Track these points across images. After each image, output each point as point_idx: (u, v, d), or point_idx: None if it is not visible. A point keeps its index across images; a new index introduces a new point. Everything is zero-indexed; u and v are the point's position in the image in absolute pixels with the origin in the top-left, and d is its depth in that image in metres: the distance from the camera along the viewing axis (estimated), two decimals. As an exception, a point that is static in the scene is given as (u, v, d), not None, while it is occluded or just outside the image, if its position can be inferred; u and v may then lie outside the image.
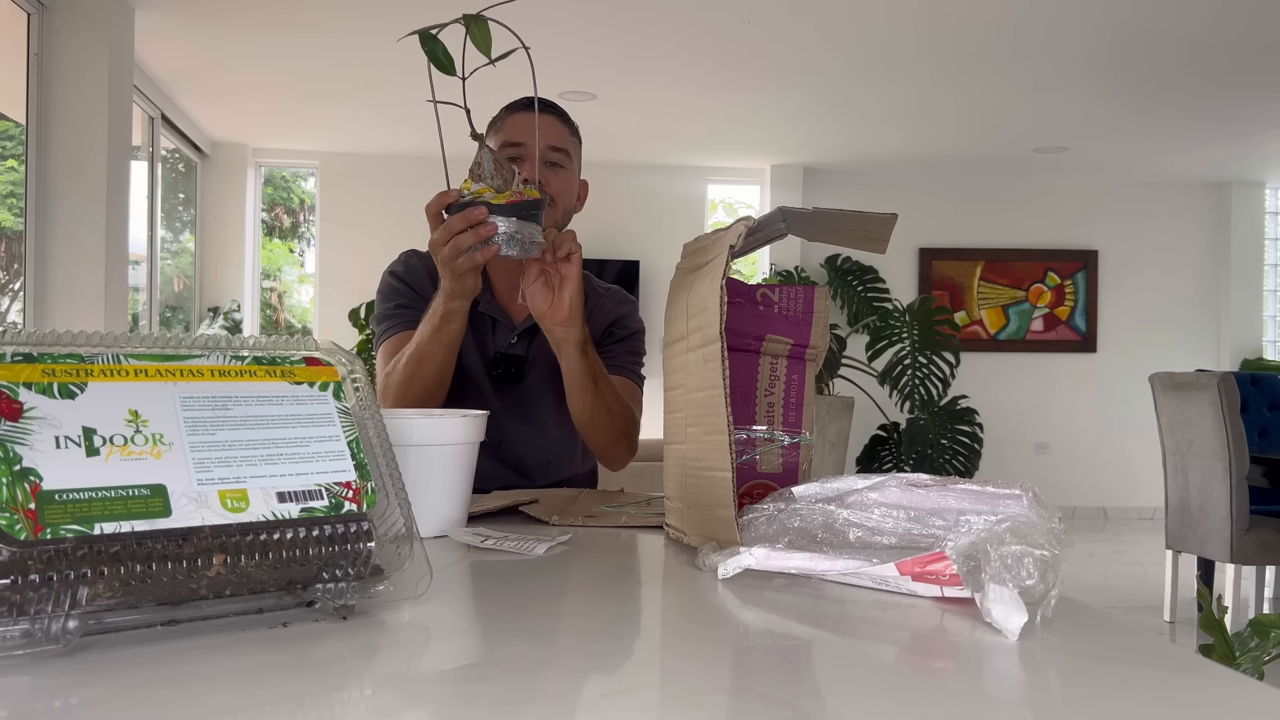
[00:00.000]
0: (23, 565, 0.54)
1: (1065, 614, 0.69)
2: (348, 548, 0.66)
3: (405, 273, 1.64)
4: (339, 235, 6.42)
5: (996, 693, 0.57)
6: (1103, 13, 3.87)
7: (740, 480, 0.97)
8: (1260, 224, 7.04)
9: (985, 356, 6.91)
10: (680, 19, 3.98)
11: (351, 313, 5.77)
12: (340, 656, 0.59)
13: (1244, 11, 3.83)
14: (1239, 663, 1.35)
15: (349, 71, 4.73)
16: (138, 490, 0.60)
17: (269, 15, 4.00)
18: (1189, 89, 4.84)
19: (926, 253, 6.92)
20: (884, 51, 4.37)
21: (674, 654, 0.64)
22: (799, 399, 1.08)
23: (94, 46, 3.66)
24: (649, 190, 6.65)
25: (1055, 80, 4.72)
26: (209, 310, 6.18)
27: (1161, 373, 4.07)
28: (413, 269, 1.65)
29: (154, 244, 5.24)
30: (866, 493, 0.83)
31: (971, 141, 5.97)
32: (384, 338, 1.60)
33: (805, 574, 0.78)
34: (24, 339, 0.62)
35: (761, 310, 1.07)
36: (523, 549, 0.92)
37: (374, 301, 1.69)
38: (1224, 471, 3.63)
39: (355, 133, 5.95)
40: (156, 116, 5.17)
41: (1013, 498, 0.76)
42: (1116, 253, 7.03)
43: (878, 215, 0.93)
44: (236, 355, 0.71)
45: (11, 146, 3.90)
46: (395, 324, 1.59)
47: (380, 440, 0.73)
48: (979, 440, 5.47)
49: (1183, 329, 7.05)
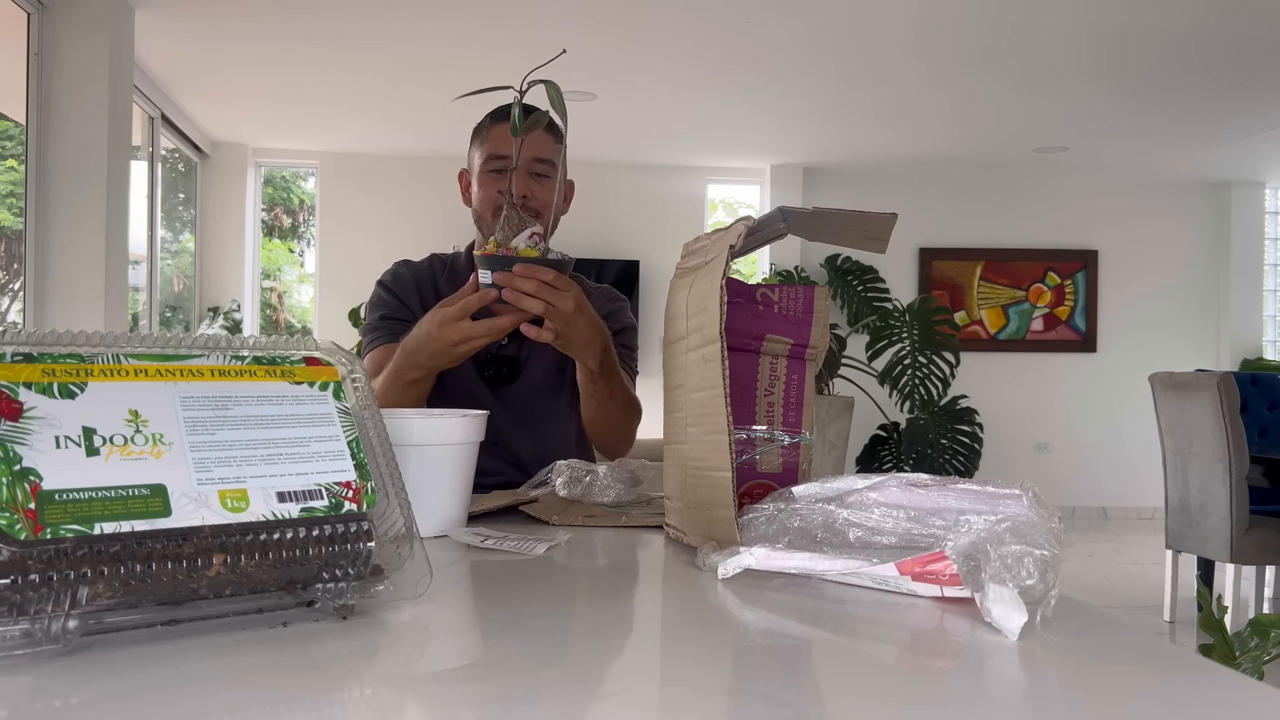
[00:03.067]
0: (23, 565, 0.54)
1: (1065, 614, 0.69)
2: (348, 548, 0.66)
3: (393, 283, 1.67)
4: (339, 235, 6.42)
5: (996, 693, 0.57)
6: (1103, 13, 3.87)
7: (740, 480, 0.97)
8: (1260, 224, 7.04)
9: (985, 356, 6.91)
10: (680, 19, 3.98)
11: (351, 313, 5.77)
12: (340, 656, 0.59)
13: (1244, 11, 3.83)
14: (1239, 663, 1.35)
15: (349, 72, 4.73)
16: (138, 490, 0.60)
17: (269, 15, 4.00)
18: (1189, 89, 4.84)
19: (926, 253, 6.92)
20: (884, 52, 4.37)
21: (674, 654, 0.64)
22: (799, 399, 1.08)
23: (94, 46, 3.66)
24: (649, 190, 6.65)
25: (1055, 80, 4.72)
26: (209, 310, 6.18)
27: (1161, 373, 4.07)
28: (401, 279, 1.67)
29: (154, 244, 5.24)
30: (866, 493, 0.83)
31: (971, 141, 5.97)
32: (367, 349, 1.64)
33: (805, 574, 0.78)
34: (24, 339, 0.62)
35: (761, 310, 1.07)
36: (523, 549, 0.92)
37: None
38: (1224, 471, 3.63)
39: (355, 133, 5.95)
40: (156, 116, 5.17)
41: (1013, 498, 0.76)
42: (1116, 253, 7.03)
43: (877, 215, 0.93)
44: (236, 355, 0.71)
45: (11, 146, 3.90)
46: (377, 337, 1.62)
47: (380, 440, 0.73)
48: (979, 440, 5.47)
49: (1183, 329, 7.05)
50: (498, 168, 1.56)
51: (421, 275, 1.68)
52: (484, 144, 1.58)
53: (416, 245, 7.40)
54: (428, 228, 6.31)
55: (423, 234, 6.32)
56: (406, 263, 1.71)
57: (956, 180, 6.87)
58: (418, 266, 1.70)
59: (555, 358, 1.61)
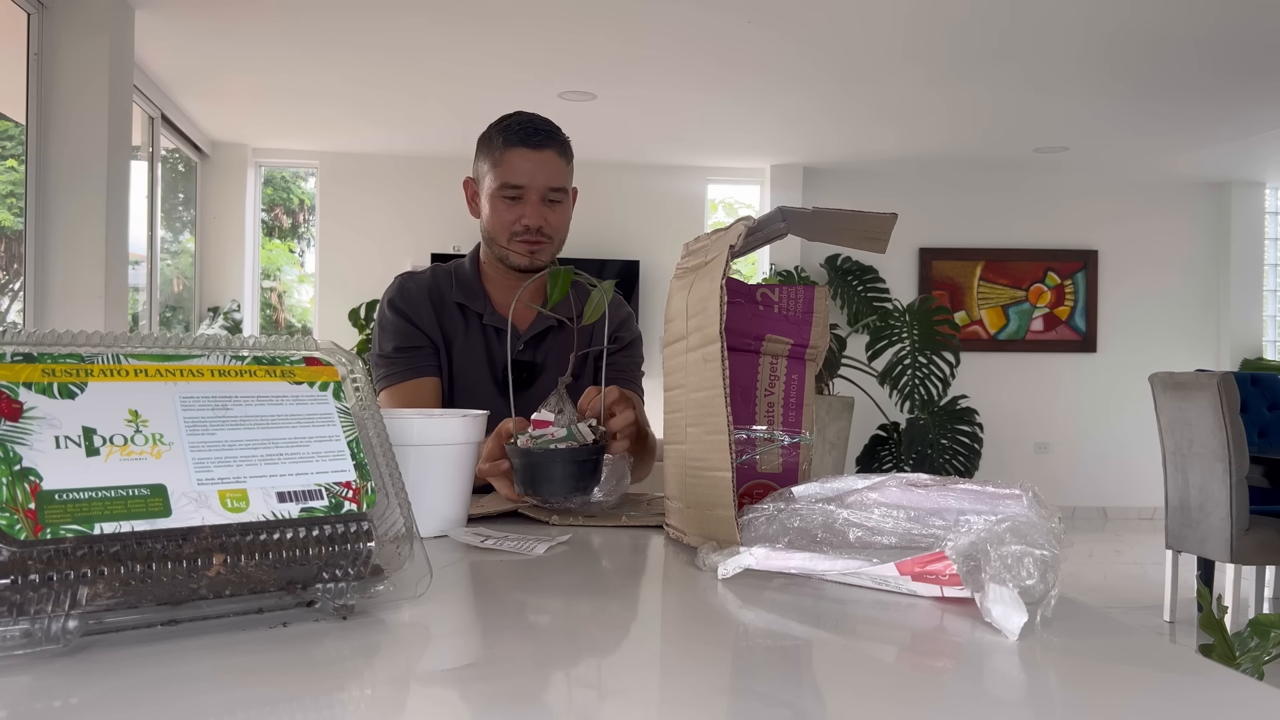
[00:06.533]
0: (23, 565, 0.54)
1: (1065, 614, 0.69)
2: (348, 548, 0.66)
3: (402, 301, 1.61)
4: (339, 235, 6.42)
5: (996, 693, 0.57)
6: (1103, 13, 3.87)
7: (740, 480, 0.97)
8: (1260, 224, 7.04)
9: (985, 356, 6.91)
10: (680, 19, 3.98)
11: (351, 313, 5.77)
12: (340, 656, 0.59)
13: (1244, 11, 3.83)
14: (1239, 663, 1.35)
15: (349, 72, 4.73)
16: (138, 490, 0.60)
17: (270, 16, 4.01)
18: (1189, 89, 4.84)
19: (926, 253, 6.92)
20: (884, 52, 4.37)
21: (674, 654, 0.64)
22: (799, 399, 1.08)
23: (94, 46, 3.66)
24: (649, 190, 6.65)
25: (1055, 80, 4.72)
26: (209, 310, 6.18)
27: (1161, 373, 4.07)
28: (408, 295, 1.62)
29: (154, 244, 5.24)
30: (866, 493, 0.83)
31: (971, 142, 5.97)
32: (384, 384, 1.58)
33: (805, 574, 0.78)
34: (24, 339, 0.62)
35: (761, 310, 1.07)
36: (523, 549, 0.92)
37: (374, 303, 1.69)
38: (1224, 471, 3.63)
39: (355, 133, 5.95)
40: (156, 116, 5.17)
41: (1013, 498, 0.76)
42: (1116, 253, 7.03)
43: (878, 215, 0.93)
44: (236, 355, 0.71)
45: (11, 146, 3.89)
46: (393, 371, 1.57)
47: (380, 440, 0.73)
48: (979, 440, 5.47)
49: (1183, 329, 7.05)
50: (512, 195, 1.53)
51: (427, 285, 1.63)
52: (496, 167, 1.54)
53: (416, 245, 7.36)
54: (427, 228, 6.32)
55: (422, 234, 6.33)
56: (409, 275, 1.66)
57: (957, 180, 6.88)
58: (420, 278, 1.65)
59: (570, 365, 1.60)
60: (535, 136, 1.53)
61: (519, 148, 1.52)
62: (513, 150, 1.53)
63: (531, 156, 1.52)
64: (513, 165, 1.53)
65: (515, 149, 1.53)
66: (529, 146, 1.52)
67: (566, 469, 1.11)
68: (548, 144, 1.54)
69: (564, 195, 1.57)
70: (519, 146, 1.52)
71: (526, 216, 1.53)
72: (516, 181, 1.52)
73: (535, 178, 1.52)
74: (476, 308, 1.61)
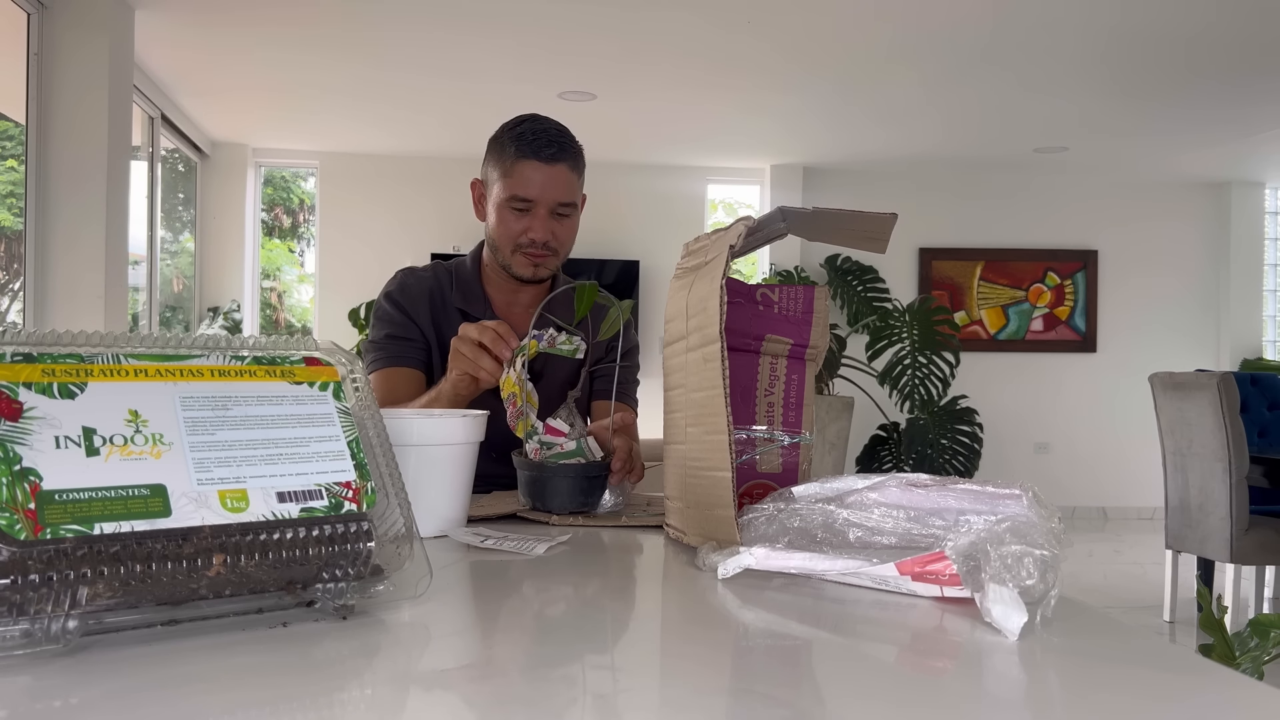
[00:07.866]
0: (23, 565, 0.54)
1: (1065, 614, 0.69)
2: (348, 548, 0.66)
3: (400, 295, 1.62)
4: (339, 235, 6.42)
5: (996, 693, 0.57)
6: (1102, 13, 3.87)
7: (740, 480, 0.97)
8: (1260, 224, 7.04)
9: (985, 356, 6.91)
10: (680, 19, 3.98)
11: (351, 313, 5.77)
12: (340, 656, 0.59)
13: (1243, 11, 3.83)
14: (1239, 663, 1.35)
15: (349, 72, 4.73)
16: (138, 490, 0.60)
17: (269, 15, 4.00)
18: (1189, 89, 4.84)
19: (926, 253, 6.92)
20: (884, 52, 4.37)
21: (674, 654, 0.64)
22: (799, 399, 1.08)
23: (94, 46, 3.66)
24: (649, 190, 6.65)
25: (1055, 81, 4.72)
26: (209, 310, 6.18)
27: (1161, 373, 4.07)
28: (407, 291, 1.62)
29: (154, 244, 5.23)
30: (866, 493, 0.83)
31: (971, 142, 5.97)
32: (372, 368, 1.60)
33: (805, 574, 0.78)
34: (24, 339, 0.62)
35: (761, 310, 1.07)
36: (523, 549, 0.92)
37: (374, 303, 1.69)
38: (1224, 471, 3.63)
39: (355, 133, 5.95)
40: (156, 116, 5.17)
41: (1013, 498, 0.76)
42: (1116, 253, 7.03)
43: (877, 215, 0.93)
44: (236, 355, 0.71)
45: (11, 146, 3.90)
46: (383, 356, 1.59)
47: (380, 440, 0.73)
48: (979, 440, 5.47)
49: (1183, 329, 7.05)
50: (521, 208, 1.51)
51: (428, 285, 1.63)
52: (506, 176, 1.51)
53: (416, 245, 7.35)
54: (427, 227, 6.32)
55: (422, 234, 6.32)
56: (411, 271, 1.65)
57: (956, 180, 6.88)
58: (422, 276, 1.65)
59: (571, 371, 1.60)
60: (548, 149, 1.49)
61: (531, 160, 1.49)
62: (524, 162, 1.49)
63: (543, 170, 1.49)
64: (523, 178, 1.50)
65: (527, 161, 1.49)
66: (541, 160, 1.49)
67: (575, 484, 1.14)
68: (560, 157, 1.50)
69: (573, 209, 1.55)
70: (531, 159, 1.49)
71: (534, 230, 1.51)
72: (526, 195, 1.50)
73: (546, 192, 1.50)
74: (476, 312, 1.60)
